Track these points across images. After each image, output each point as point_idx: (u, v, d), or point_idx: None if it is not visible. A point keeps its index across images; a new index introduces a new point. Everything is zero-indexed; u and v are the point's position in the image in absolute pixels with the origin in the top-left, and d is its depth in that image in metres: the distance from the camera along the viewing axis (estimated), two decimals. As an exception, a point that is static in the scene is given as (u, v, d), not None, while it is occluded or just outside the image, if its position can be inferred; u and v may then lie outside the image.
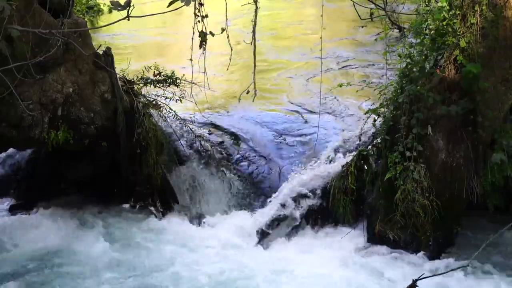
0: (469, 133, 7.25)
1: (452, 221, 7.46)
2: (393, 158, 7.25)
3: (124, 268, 7.06)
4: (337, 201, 7.85)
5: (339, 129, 8.99)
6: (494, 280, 6.88)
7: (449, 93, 7.24)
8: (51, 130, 7.32)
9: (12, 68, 5.32)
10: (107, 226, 7.98)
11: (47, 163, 8.31)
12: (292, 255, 7.44)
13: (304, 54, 12.40)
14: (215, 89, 9.70)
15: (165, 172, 8.31)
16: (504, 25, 6.96)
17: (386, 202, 7.42)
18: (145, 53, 12.93)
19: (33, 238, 7.63)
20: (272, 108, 9.77)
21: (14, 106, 6.91)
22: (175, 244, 7.55)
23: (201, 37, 5.22)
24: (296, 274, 6.98)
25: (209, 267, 7.04)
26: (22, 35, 6.42)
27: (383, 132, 7.65)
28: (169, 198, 8.35)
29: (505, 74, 7.13)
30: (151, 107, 8.34)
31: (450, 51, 7.27)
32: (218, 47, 7.71)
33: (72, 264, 7.13)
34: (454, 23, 7.11)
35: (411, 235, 7.35)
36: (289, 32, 14.66)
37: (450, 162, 7.30)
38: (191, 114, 9.09)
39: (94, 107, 7.70)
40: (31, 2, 6.86)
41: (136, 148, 8.01)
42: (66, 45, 7.14)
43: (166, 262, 7.15)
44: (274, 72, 11.53)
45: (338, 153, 8.45)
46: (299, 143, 8.88)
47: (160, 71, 8.54)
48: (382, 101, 7.81)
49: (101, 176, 8.25)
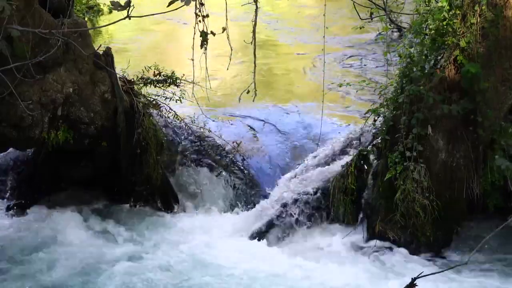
0: (469, 133, 7.26)
1: (452, 221, 7.46)
2: (393, 158, 7.25)
3: (124, 267, 7.06)
4: (337, 201, 7.85)
5: (340, 129, 8.99)
6: (493, 278, 6.88)
7: (449, 93, 7.24)
8: (51, 130, 7.31)
9: (12, 68, 5.32)
10: (107, 225, 7.98)
11: (47, 163, 8.30)
12: (291, 255, 7.43)
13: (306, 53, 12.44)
14: (215, 89, 9.70)
15: (165, 172, 8.30)
16: (504, 25, 6.96)
17: (386, 202, 7.42)
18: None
19: (33, 238, 7.63)
20: (273, 107, 9.76)
21: (14, 106, 6.91)
22: (175, 243, 7.55)
23: (202, 37, 5.22)
24: (295, 274, 6.98)
25: (209, 267, 7.04)
26: (22, 35, 6.42)
27: (383, 132, 7.64)
28: (169, 198, 8.34)
29: (505, 74, 7.13)
30: (151, 107, 8.34)
31: (450, 51, 7.28)
32: (220, 46, 7.71)
33: (72, 263, 7.13)
34: (454, 23, 7.12)
35: (411, 235, 7.35)
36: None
37: (450, 162, 7.30)
38: (191, 114, 9.08)
39: (94, 107, 7.69)
40: (31, 2, 6.86)
41: (136, 148, 8.00)
42: (66, 45, 7.13)
43: (165, 261, 7.15)
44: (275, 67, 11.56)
45: (338, 153, 8.45)
46: (300, 143, 8.88)
47: (160, 71, 8.53)
48: (382, 101, 7.82)
49: (101, 176, 8.24)
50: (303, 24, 14.50)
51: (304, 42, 12.99)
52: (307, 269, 7.05)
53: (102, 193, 8.42)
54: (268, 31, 13.82)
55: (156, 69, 8.52)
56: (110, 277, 6.86)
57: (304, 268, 7.07)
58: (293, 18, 15.37)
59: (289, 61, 12.16)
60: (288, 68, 11.88)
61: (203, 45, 5.26)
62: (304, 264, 7.18)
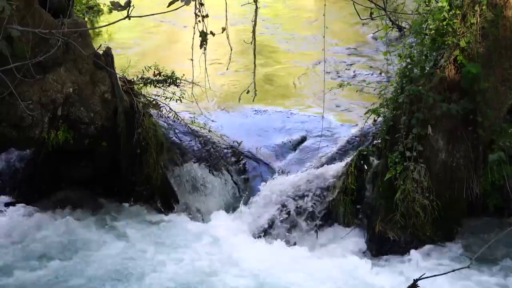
0: (469, 133, 7.26)
1: (452, 221, 7.46)
2: (393, 158, 7.25)
3: (124, 267, 7.06)
4: (337, 201, 7.85)
5: (340, 129, 8.99)
6: (496, 280, 6.87)
7: (449, 93, 7.24)
8: (51, 130, 7.32)
9: (12, 68, 5.32)
10: (107, 225, 7.98)
11: (47, 163, 8.30)
12: (290, 255, 7.44)
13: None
14: (215, 88, 9.70)
15: (165, 172, 8.30)
16: (504, 25, 6.97)
17: (386, 202, 7.43)
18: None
19: (33, 237, 7.63)
20: (273, 107, 9.77)
21: (14, 106, 6.91)
22: (175, 243, 7.55)
23: (201, 37, 5.22)
24: (294, 274, 6.98)
25: (209, 267, 7.05)
26: (22, 35, 6.42)
27: (383, 132, 7.65)
28: (169, 198, 8.34)
29: (505, 74, 7.14)
30: (151, 107, 8.34)
31: (450, 51, 7.28)
32: (221, 47, 7.71)
33: (71, 262, 7.14)
34: (454, 23, 7.12)
35: (411, 235, 7.35)
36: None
37: (450, 162, 7.30)
38: (191, 114, 9.08)
39: (94, 107, 7.69)
40: (31, 2, 6.86)
41: (136, 148, 8.00)
42: (66, 45, 7.13)
43: (165, 261, 7.16)
44: (275, 69, 11.53)
45: (338, 153, 8.45)
46: (300, 142, 8.88)
47: (160, 71, 8.54)
48: (382, 101, 7.82)
49: (101, 176, 8.24)
50: (302, 29, 14.33)
51: (303, 49, 12.87)
52: (308, 268, 7.06)
53: (102, 193, 8.42)
54: (266, 36, 13.61)
55: (156, 69, 8.53)
56: (109, 277, 6.86)
57: (305, 267, 7.08)
58: (292, 22, 15.19)
59: (288, 69, 12.07)
60: (287, 72, 11.80)
61: (203, 45, 5.27)
62: (305, 263, 7.19)
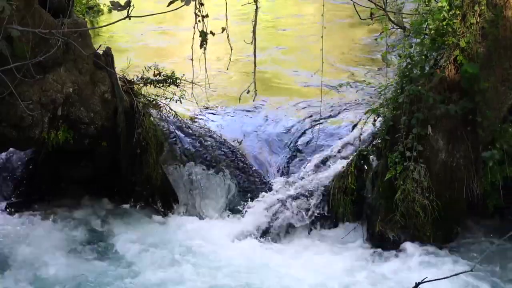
0: (469, 133, 7.26)
1: (452, 221, 7.46)
2: (393, 158, 7.25)
3: (124, 267, 7.07)
4: (337, 201, 7.85)
5: (340, 129, 8.99)
6: (498, 284, 6.85)
7: (449, 93, 7.24)
8: (51, 130, 7.31)
9: (12, 68, 5.33)
10: (107, 225, 7.98)
11: (47, 163, 8.30)
12: (291, 255, 7.45)
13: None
14: (216, 88, 9.70)
15: (165, 172, 8.30)
16: (504, 25, 6.97)
17: (386, 202, 7.43)
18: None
19: (33, 237, 7.63)
20: (273, 107, 9.77)
21: (14, 106, 6.91)
22: (175, 243, 7.55)
23: (201, 37, 5.22)
24: (294, 274, 6.99)
25: (209, 267, 7.06)
26: (22, 35, 6.42)
27: (383, 132, 7.65)
28: (169, 198, 8.34)
29: (505, 74, 7.14)
30: (151, 107, 8.34)
31: (450, 51, 7.28)
32: (221, 47, 7.70)
33: (71, 261, 7.14)
34: (454, 23, 7.12)
35: (411, 235, 7.35)
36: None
37: (450, 162, 7.30)
38: (191, 113, 9.09)
39: (94, 107, 7.69)
40: (31, 2, 6.86)
41: (136, 148, 8.00)
42: (66, 45, 7.13)
43: (165, 261, 7.17)
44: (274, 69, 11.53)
45: (338, 153, 8.45)
46: (300, 142, 8.89)
47: (160, 71, 8.53)
48: (382, 101, 7.82)
49: (101, 176, 8.24)
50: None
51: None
52: (309, 268, 7.07)
53: (102, 193, 8.42)
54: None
55: (156, 69, 8.52)
56: (109, 277, 6.86)
57: (306, 267, 7.10)
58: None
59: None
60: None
61: (203, 45, 5.27)
62: (306, 263, 7.20)
